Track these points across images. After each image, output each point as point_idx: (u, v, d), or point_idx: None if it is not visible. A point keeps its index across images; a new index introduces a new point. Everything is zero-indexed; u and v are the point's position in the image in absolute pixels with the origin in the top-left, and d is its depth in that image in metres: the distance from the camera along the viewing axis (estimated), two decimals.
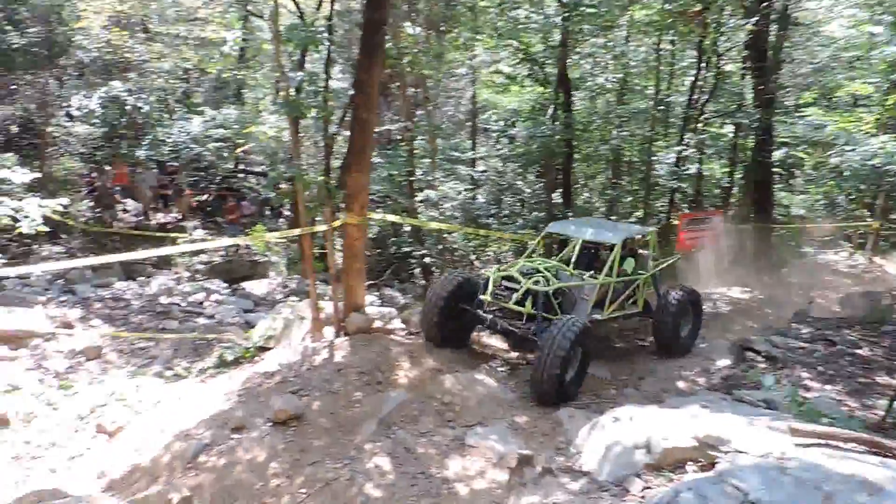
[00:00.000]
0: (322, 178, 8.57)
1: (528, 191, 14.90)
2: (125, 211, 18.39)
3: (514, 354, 8.81)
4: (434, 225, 11.31)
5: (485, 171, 14.97)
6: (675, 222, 13.50)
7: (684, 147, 12.73)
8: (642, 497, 4.44)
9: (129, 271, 15.35)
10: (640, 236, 9.52)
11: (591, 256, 9.13)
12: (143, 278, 14.70)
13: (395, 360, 7.57)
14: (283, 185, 12.91)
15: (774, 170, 15.36)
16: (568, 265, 8.72)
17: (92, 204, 17.33)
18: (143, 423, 7.73)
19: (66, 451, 7.30)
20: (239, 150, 19.99)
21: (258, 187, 21.00)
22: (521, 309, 7.59)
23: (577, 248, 8.70)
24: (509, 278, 7.86)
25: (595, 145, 14.75)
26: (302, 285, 14.89)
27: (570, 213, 13.14)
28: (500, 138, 17.04)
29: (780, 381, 7.23)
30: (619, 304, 8.65)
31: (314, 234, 9.65)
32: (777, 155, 14.58)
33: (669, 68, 14.17)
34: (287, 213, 20.43)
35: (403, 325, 9.04)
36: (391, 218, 9.59)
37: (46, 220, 7.66)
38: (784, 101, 15.33)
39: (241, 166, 23.83)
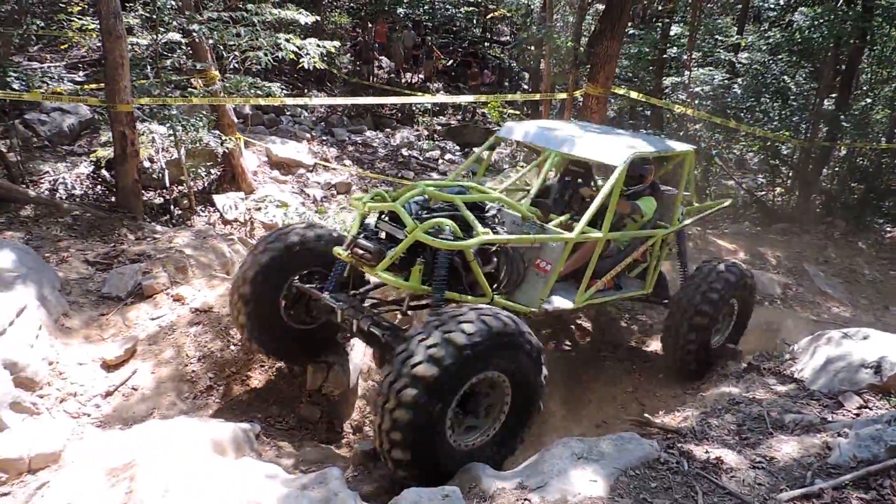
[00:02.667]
0: (571, 42, 8.38)
1: (795, 89, 13.12)
2: (380, 67, 19.80)
3: None
4: (678, 108, 10.57)
5: (748, 62, 13.39)
6: None
7: None
8: (857, 414, 4.13)
9: (378, 123, 16.81)
10: (665, 158, 5.71)
11: (576, 188, 5.68)
12: (389, 130, 16.05)
13: None
14: (531, 50, 12.82)
15: None
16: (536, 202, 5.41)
17: (353, 58, 18.91)
18: None
19: None
20: (489, 15, 20.11)
21: (501, 56, 21.11)
22: (396, 282, 4.07)
23: (546, 168, 5.21)
24: (392, 217, 4.26)
25: None
26: (530, 157, 15.15)
27: (841, 119, 11.42)
28: (773, 25, 14.96)
29: None
30: (611, 279, 5.30)
31: (552, 102, 9.66)
32: None
33: None
34: (525, 87, 20.47)
35: None
36: (633, 95, 9.17)
37: (314, 70, 8.57)
38: None
39: (488, 34, 24.08)
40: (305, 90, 16.28)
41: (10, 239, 5.98)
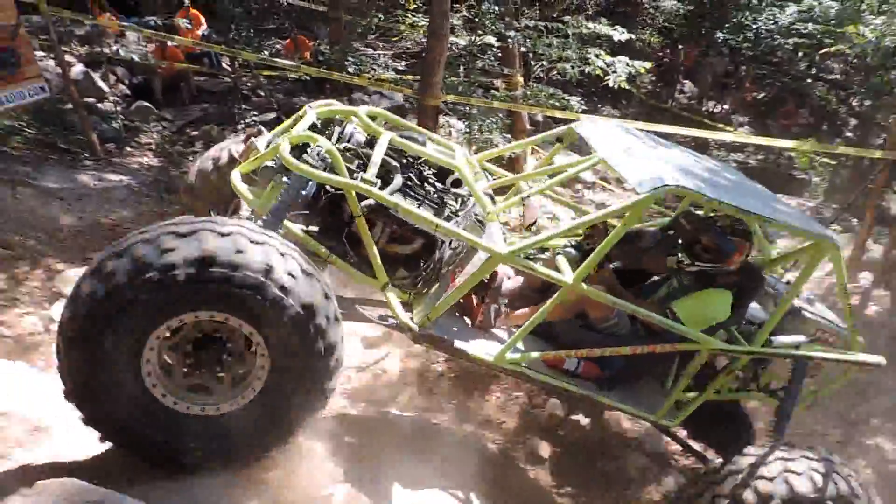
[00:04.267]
0: None
1: None
2: (681, 92, 18.70)
3: None
4: None
5: None
6: None
7: None
8: None
9: None
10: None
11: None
12: None
13: None
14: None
15: None
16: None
17: (654, 79, 18.11)
18: None
19: None
20: (823, 50, 17.69)
21: (827, 96, 18.49)
22: (243, 194, 3.38)
23: (579, 168, 3.58)
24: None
25: None
26: (840, 218, 12.99)
27: None
28: None
29: None
30: (595, 367, 3.57)
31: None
32: None
33: None
34: (847, 135, 17.68)
35: None
36: None
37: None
38: None
39: (813, 70, 21.28)
40: (599, 105, 16.01)
41: None
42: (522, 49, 8.68)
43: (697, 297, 3.49)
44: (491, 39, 8.65)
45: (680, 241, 3.71)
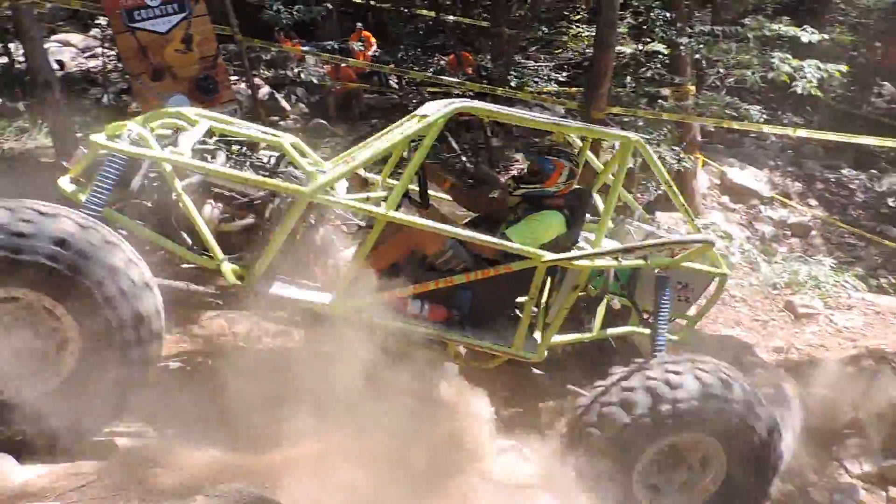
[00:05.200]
0: None
1: None
2: (879, 95, 16.66)
3: None
4: None
5: None
6: None
7: None
8: None
9: (861, 161, 14.15)
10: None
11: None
12: (874, 172, 13.35)
13: None
14: None
15: None
16: None
17: (845, 81, 16.25)
18: (830, 318, 7.33)
19: (753, 313, 7.64)
20: None
21: None
22: (64, 191, 3.31)
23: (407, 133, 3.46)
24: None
25: None
26: None
27: None
28: None
29: None
30: (441, 309, 3.48)
31: None
32: None
33: None
34: None
35: None
36: None
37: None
38: None
39: None
40: (779, 112, 14.68)
41: None
42: (696, 56, 8.17)
43: (528, 220, 3.59)
44: (659, 47, 8.24)
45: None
